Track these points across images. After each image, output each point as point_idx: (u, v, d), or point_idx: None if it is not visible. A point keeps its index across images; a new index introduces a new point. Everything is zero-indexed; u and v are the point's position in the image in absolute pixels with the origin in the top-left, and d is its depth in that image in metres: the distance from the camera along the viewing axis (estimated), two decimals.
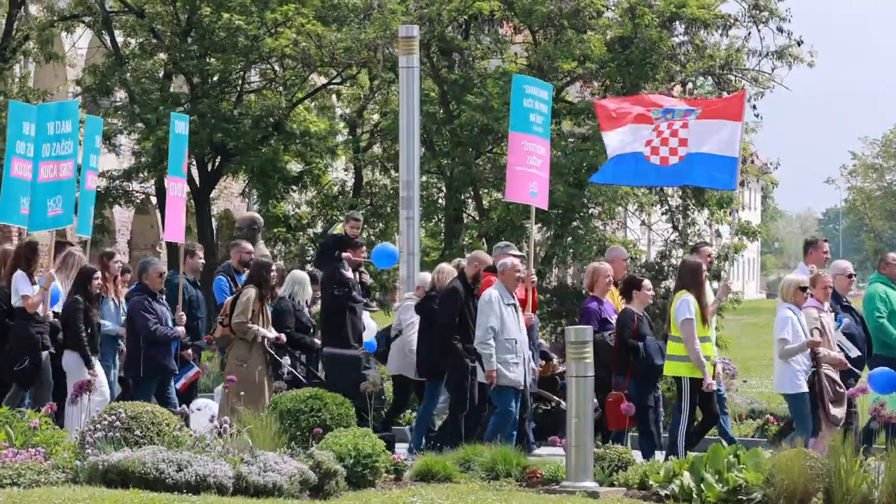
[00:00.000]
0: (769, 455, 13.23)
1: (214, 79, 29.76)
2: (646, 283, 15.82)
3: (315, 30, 27.73)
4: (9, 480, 11.74)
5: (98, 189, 29.25)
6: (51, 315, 15.34)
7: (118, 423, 12.45)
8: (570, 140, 28.10)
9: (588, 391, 13.46)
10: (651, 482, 13.17)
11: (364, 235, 31.23)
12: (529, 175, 16.35)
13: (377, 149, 31.44)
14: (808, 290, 15.05)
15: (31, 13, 30.33)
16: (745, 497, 12.68)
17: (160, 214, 31.59)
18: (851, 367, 15.28)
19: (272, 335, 15.68)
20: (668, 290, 28.79)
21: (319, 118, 30.84)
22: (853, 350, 15.57)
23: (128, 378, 16.07)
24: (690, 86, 29.00)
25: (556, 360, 17.77)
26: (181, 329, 16.17)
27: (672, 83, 28.68)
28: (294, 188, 31.29)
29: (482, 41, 29.05)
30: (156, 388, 15.79)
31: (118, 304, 16.53)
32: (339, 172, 33.76)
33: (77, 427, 13.64)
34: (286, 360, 16.12)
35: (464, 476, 13.75)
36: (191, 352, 16.71)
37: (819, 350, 14.78)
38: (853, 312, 16.05)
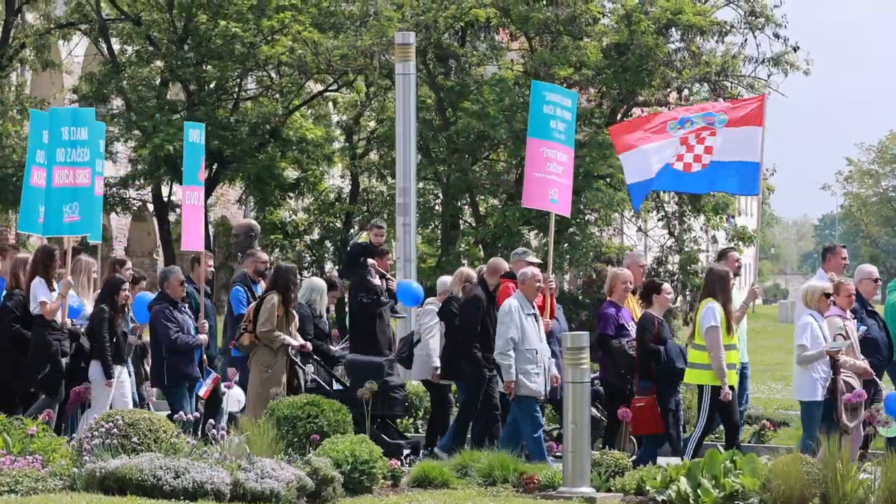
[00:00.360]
0: (766, 460, 13.25)
1: (211, 86, 29.78)
2: (665, 287, 15.66)
3: (311, 37, 27.77)
4: (6, 488, 11.74)
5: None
6: (69, 322, 15.30)
7: (115, 430, 12.45)
8: None
9: (584, 397, 13.47)
10: (648, 488, 13.18)
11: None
12: (549, 181, 16.21)
13: (374, 155, 31.47)
14: (832, 298, 15.04)
15: (28, 21, 30.35)
16: (742, 502, 12.70)
17: (157, 221, 31.60)
18: (875, 377, 15.24)
19: (297, 343, 15.66)
20: None
21: (316, 125, 30.86)
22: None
23: (154, 386, 16.07)
24: (686, 92, 29.04)
25: None
26: (203, 337, 16.15)
27: (668, 90, 28.73)
28: (291, 195, 31.32)
29: (478, 48, 29.09)
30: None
31: (126, 311, 16.51)
32: (336, 179, 33.79)
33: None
34: (309, 368, 16.09)
35: (461, 482, 13.76)
36: (205, 358, 16.70)
37: (840, 357, 14.77)
38: (877, 317, 16.01)
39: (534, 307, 15.32)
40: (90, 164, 15.59)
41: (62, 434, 14.17)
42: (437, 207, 29.46)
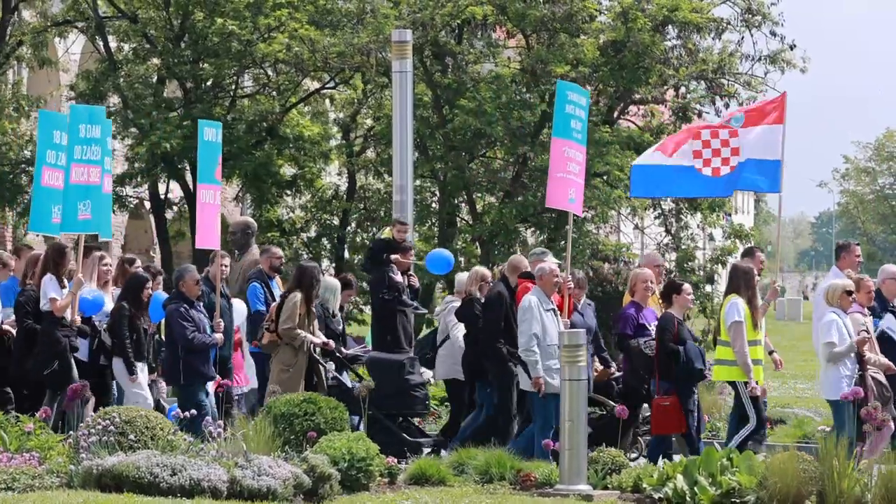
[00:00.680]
0: (763, 458, 13.26)
1: (208, 84, 29.74)
2: (686, 288, 15.67)
3: (308, 34, 27.74)
4: (3, 485, 11.74)
5: None
6: (78, 320, 15.29)
7: (112, 428, 12.46)
8: None
9: (581, 395, 13.48)
10: (645, 485, 13.20)
11: (358, 240, 31.32)
12: (568, 181, 16.20)
13: (371, 153, 31.45)
14: (853, 295, 15.04)
15: (25, 18, 30.32)
16: (739, 500, 12.71)
17: (153, 219, 31.57)
18: None
19: (320, 341, 15.63)
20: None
21: (313, 123, 30.82)
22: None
23: (169, 384, 16.04)
24: (683, 90, 29.03)
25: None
26: (219, 336, 16.15)
27: (665, 87, 28.72)
28: (288, 192, 31.27)
29: (475, 45, 29.07)
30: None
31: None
32: (333, 177, 33.77)
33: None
34: (331, 366, 16.07)
35: (458, 479, 13.77)
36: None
37: (866, 354, 14.76)
38: None
39: (552, 302, 15.28)
40: (101, 163, 15.60)
41: (60, 431, 14.17)
42: (434, 205, 29.45)
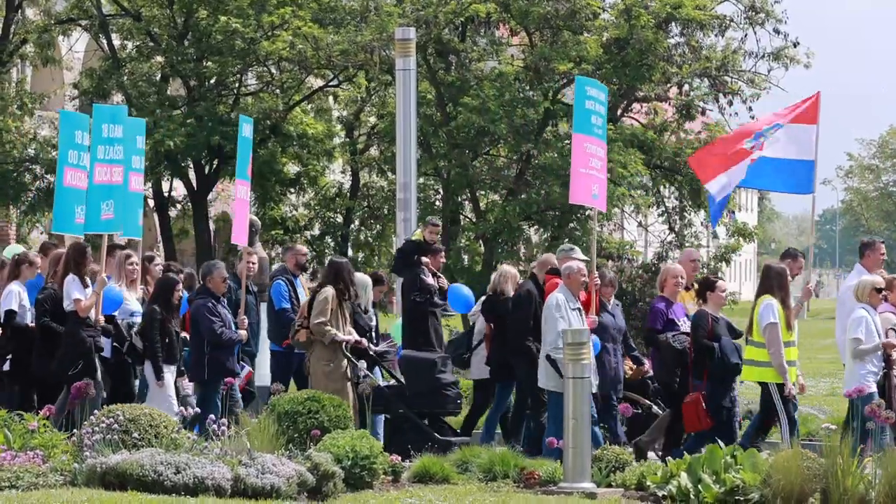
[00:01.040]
0: (766, 456, 13.25)
1: (211, 82, 29.76)
2: (720, 285, 15.53)
3: (312, 32, 27.74)
4: (7, 483, 11.75)
5: None
6: (102, 319, 15.30)
7: (116, 426, 12.46)
8: (567, 142, 28.11)
9: (585, 392, 13.48)
10: (648, 483, 13.20)
11: (361, 237, 31.34)
12: (591, 177, 16.15)
13: (374, 151, 31.47)
14: (884, 293, 15.01)
15: (28, 17, 30.34)
16: (743, 497, 12.70)
17: (157, 217, 31.59)
18: None
19: (351, 339, 15.59)
20: None
21: (316, 121, 30.84)
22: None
23: (192, 380, 16.04)
24: (686, 87, 29.02)
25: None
26: (244, 332, 16.21)
27: (668, 85, 28.71)
28: (291, 190, 31.30)
29: (478, 43, 29.07)
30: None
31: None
32: (337, 175, 33.79)
33: None
34: (362, 364, 16.06)
35: (461, 477, 13.78)
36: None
37: (894, 354, 14.74)
38: None
39: (578, 301, 15.22)
40: (123, 162, 15.57)
41: (63, 429, 14.17)
42: (438, 203, 29.44)
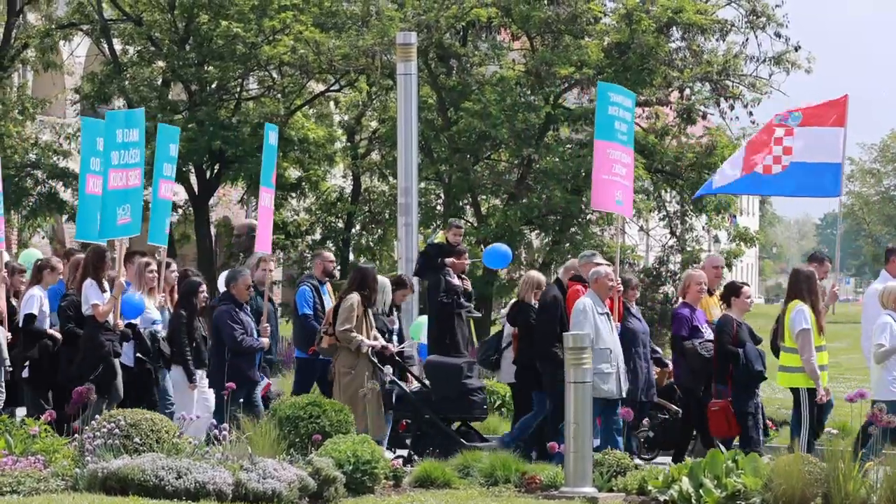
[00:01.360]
0: (768, 460, 13.25)
1: (213, 86, 29.77)
2: (745, 290, 15.50)
3: (313, 37, 27.76)
4: (8, 488, 11.75)
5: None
6: (121, 324, 15.28)
7: (117, 431, 12.46)
8: (568, 146, 28.14)
9: (587, 397, 13.46)
10: (650, 487, 13.19)
11: (362, 242, 31.35)
12: (614, 184, 16.11)
13: (375, 155, 31.48)
14: None
15: (30, 21, 30.35)
16: (744, 502, 12.70)
17: None
18: None
19: (377, 344, 15.59)
20: (666, 296, 28.83)
21: (318, 125, 30.86)
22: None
23: (212, 387, 15.97)
24: (688, 91, 29.02)
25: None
26: (266, 340, 16.18)
27: (669, 89, 28.72)
28: (293, 195, 31.31)
29: (480, 48, 29.09)
30: (243, 396, 15.69)
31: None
32: (338, 179, 33.80)
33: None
34: (388, 369, 16.05)
35: (463, 482, 13.77)
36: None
37: None
38: None
39: (605, 306, 15.18)
40: (140, 165, 15.52)
41: (64, 435, 14.17)
42: (439, 207, 29.46)
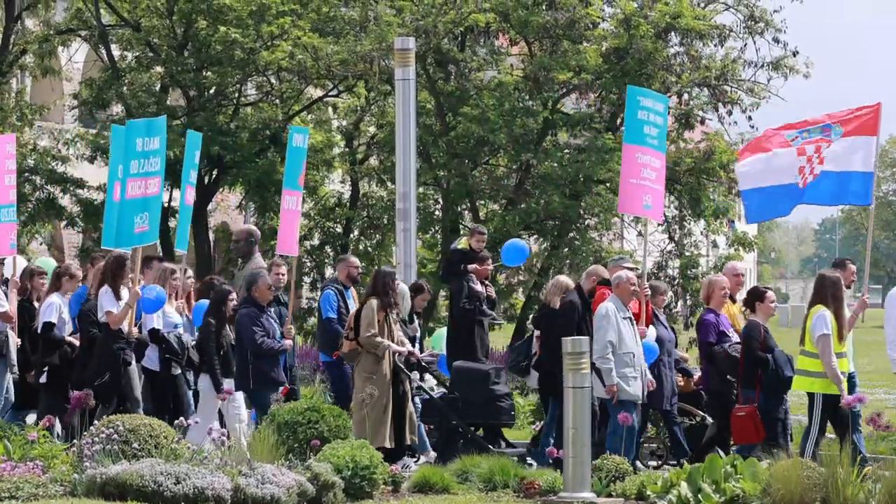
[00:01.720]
0: (766, 465, 13.24)
1: (211, 92, 29.76)
2: (769, 295, 15.53)
3: (311, 42, 27.75)
4: (7, 494, 11.75)
5: (95, 202, 29.36)
6: (135, 332, 15.29)
7: (116, 436, 12.46)
8: (567, 151, 28.13)
9: (585, 402, 13.47)
10: (648, 492, 13.20)
11: (361, 248, 31.32)
12: (643, 188, 16.12)
13: (374, 161, 31.46)
14: None
15: (28, 27, 30.34)
16: None
17: None
18: None
19: (404, 350, 15.58)
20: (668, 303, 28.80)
21: (316, 131, 30.83)
22: None
23: (239, 390, 15.97)
24: (686, 96, 29.02)
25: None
26: (289, 342, 16.19)
27: (668, 94, 28.70)
28: None
29: (478, 53, 29.08)
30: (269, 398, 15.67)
31: (191, 320, 16.53)
32: (336, 184, 33.78)
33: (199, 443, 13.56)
34: (415, 375, 16.03)
35: (461, 487, 13.77)
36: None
37: None
38: None
39: (628, 310, 15.17)
40: (160, 173, 15.52)
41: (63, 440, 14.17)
42: (437, 212, 29.44)
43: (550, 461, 14.79)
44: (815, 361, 14.42)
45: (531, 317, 18.05)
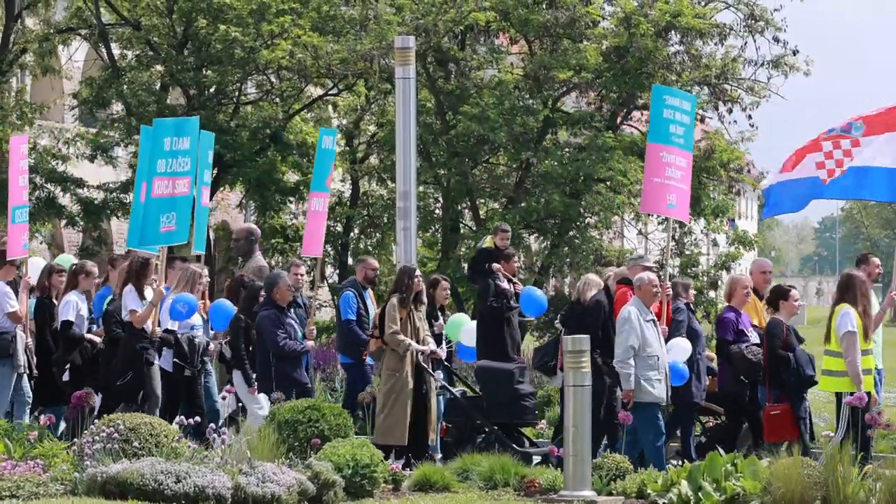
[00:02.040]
0: (767, 463, 13.25)
1: (211, 90, 29.77)
2: (793, 294, 15.45)
3: (311, 41, 27.75)
4: (7, 493, 11.76)
5: (95, 201, 29.37)
6: (159, 332, 15.29)
7: (116, 435, 12.47)
8: (567, 150, 28.13)
9: (585, 400, 13.47)
10: (649, 491, 13.20)
11: (361, 246, 31.32)
12: (667, 187, 16.05)
13: (374, 159, 31.46)
14: None
15: (28, 26, 30.35)
16: None
17: None
18: None
19: (427, 349, 15.58)
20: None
21: (316, 129, 30.82)
22: None
23: (262, 392, 15.89)
24: None
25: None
26: (311, 343, 16.19)
27: None
28: (291, 199, 31.29)
29: (478, 52, 29.08)
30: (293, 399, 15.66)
31: (206, 319, 16.54)
32: (336, 183, 33.76)
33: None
34: (439, 374, 16.02)
35: (462, 486, 13.78)
36: None
37: None
38: None
39: (651, 312, 15.12)
40: (191, 174, 15.48)
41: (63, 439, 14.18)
42: (438, 211, 29.44)
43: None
44: (840, 361, 14.32)
45: (559, 315, 17.97)
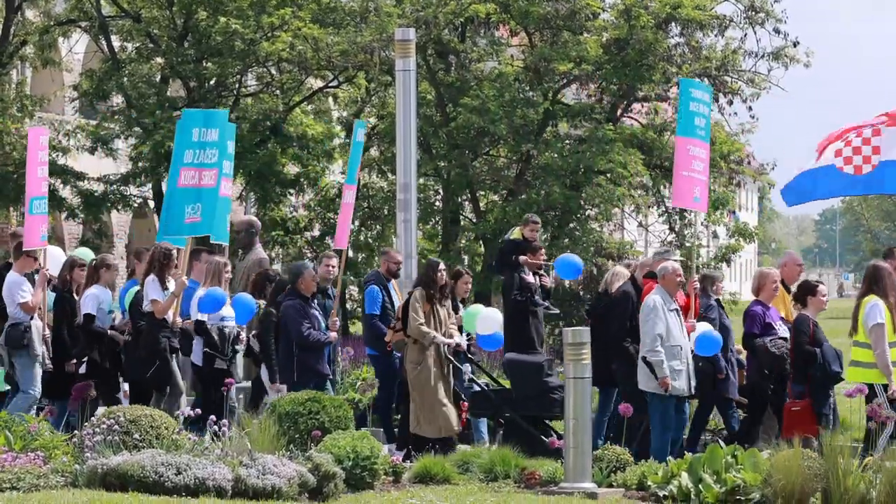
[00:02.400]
0: (767, 455, 13.25)
1: (211, 83, 29.76)
2: (821, 289, 15.33)
3: (311, 33, 27.75)
4: (8, 485, 11.75)
5: (95, 193, 29.38)
6: (180, 322, 15.27)
7: (117, 427, 12.46)
8: (567, 142, 28.14)
9: (585, 392, 13.47)
10: (649, 483, 13.19)
11: (361, 238, 31.34)
12: (693, 180, 15.99)
13: (374, 152, 31.47)
14: None
15: (28, 18, 30.34)
16: (743, 497, 12.70)
17: (157, 218, 31.58)
18: None
19: (452, 342, 15.59)
20: None
21: (316, 121, 30.84)
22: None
23: (283, 383, 15.82)
24: None
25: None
26: (334, 334, 16.14)
27: (668, 84, 28.71)
28: (291, 191, 31.30)
29: (478, 44, 29.09)
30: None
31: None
32: (337, 175, 33.78)
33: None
34: (467, 367, 15.99)
35: (462, 478, 13.77)
36: None
37: None
38: None
39: (675, 302, 15.01)
40: (218, 165, 15.44)
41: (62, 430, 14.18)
42: (438, 203, 29.46)
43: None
44: (869, 352, 14.28)
45: (586, 307, 17.89)
